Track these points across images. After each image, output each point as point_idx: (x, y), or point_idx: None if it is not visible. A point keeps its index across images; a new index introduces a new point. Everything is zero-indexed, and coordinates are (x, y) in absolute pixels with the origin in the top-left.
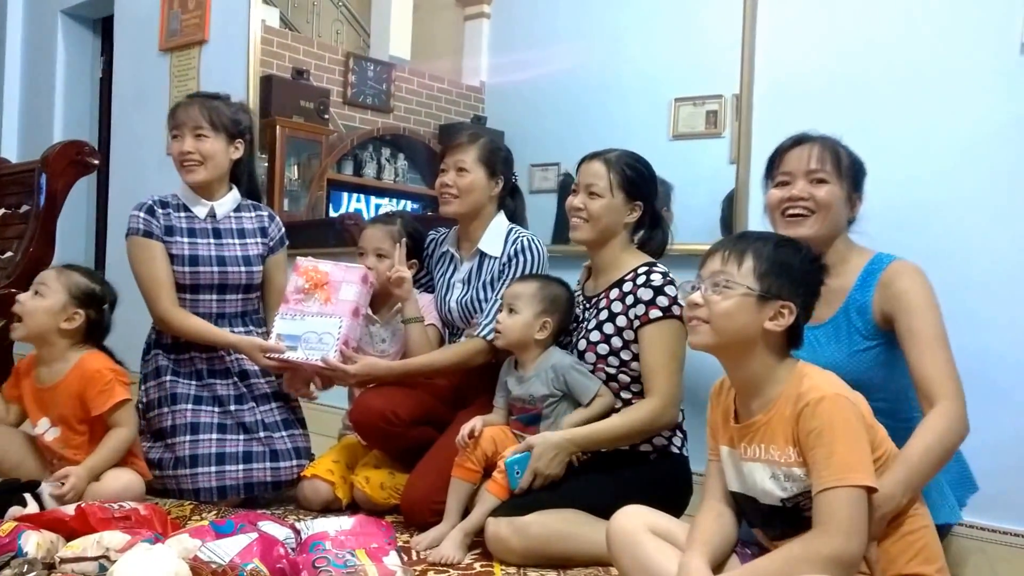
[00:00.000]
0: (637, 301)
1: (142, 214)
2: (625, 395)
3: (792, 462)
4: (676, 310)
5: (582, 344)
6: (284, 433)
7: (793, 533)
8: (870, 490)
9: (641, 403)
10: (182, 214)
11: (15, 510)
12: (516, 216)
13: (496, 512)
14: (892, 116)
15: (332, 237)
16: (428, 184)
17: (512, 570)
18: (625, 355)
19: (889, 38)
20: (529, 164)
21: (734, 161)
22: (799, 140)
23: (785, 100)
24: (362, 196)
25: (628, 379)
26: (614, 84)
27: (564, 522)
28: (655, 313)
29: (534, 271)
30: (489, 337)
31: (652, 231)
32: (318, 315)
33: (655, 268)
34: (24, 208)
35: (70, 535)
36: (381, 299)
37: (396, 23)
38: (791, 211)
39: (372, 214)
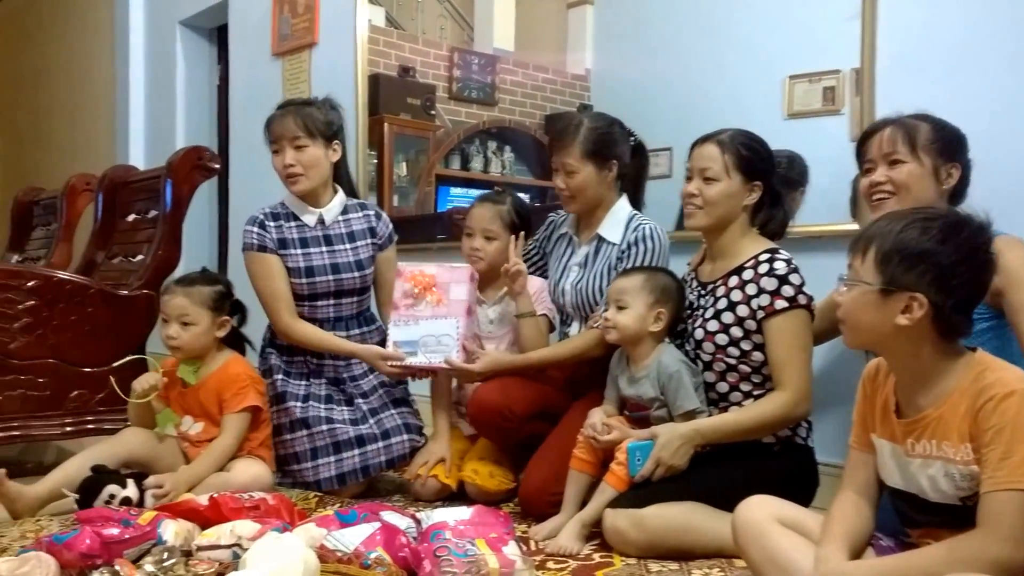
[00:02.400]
0: (760, 291)
1: (255, 229)
2: (745, 386)
3: (970, 460)
4: (802, 299)
5: (699, 333)
6: (393, 412)
7: (940, 528)
8: None
9: (772, 396)
10: (292, 224)
11: (113, 488)
12: (637, 182)
13: (614, 504)
14: None
15: (441, 231)
16: (535, 175)
17: (632, 561)
18: (745, 345)
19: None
20: None
21: (855, 139)
22: (875, 126)
23: (910, 72)
24: (470, 190)
25: (748, 369)
26: (724, 64)
27: (684, 514)
28: (780, 303)
29: (654, 261)
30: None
31: (772, 210)
32: (432, 318)
33: (778, 255)
34: (152, 213)
35: (204, 524)
36: (488, 280)
37: (499, 15)
38: (876, 196)
39: None
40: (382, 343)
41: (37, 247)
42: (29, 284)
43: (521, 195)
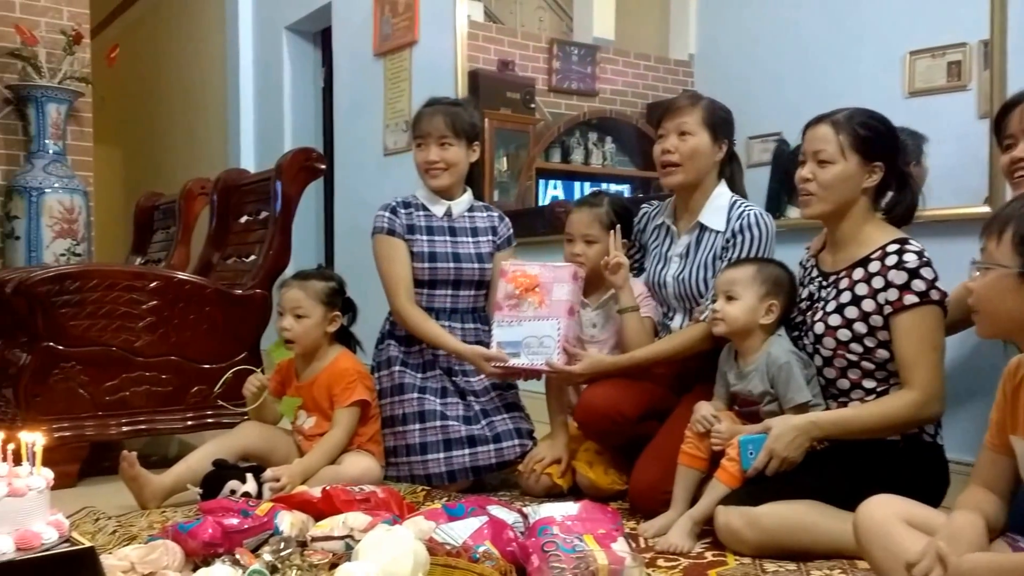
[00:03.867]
0: (888, 285)
1: (386, 213)
2: (868, 384)
3: None
4: (935, 295)
5: (819, 327)
6: (505, 416)
7: None
8: None
9: (899, 394)
10: (421, 213)
11: (234, 484)
12: (735, 185)
13: (726, 501)
14: None
15: (542, 225)
16: (637, 166)
17: (747, 561)
18: (870, 342)
19: None
20: (747, 137)
21: (985, 116)
22: (1016, 98)
23: None
24: (571, 183)
25: (872, 367)
26: (838, 42)
27: (801, 513)
28: (910, 299)
29: (761, 249)
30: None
31: (900, 193)
32: (534, 319)
33: (908, 246)
34: (263, 214)
35: (318, 515)
36: (592, 284)
37: (599, 4)
38: (1018, 173)
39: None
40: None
41: (158, 250)
42: (152, 285)
43: (622, 187)
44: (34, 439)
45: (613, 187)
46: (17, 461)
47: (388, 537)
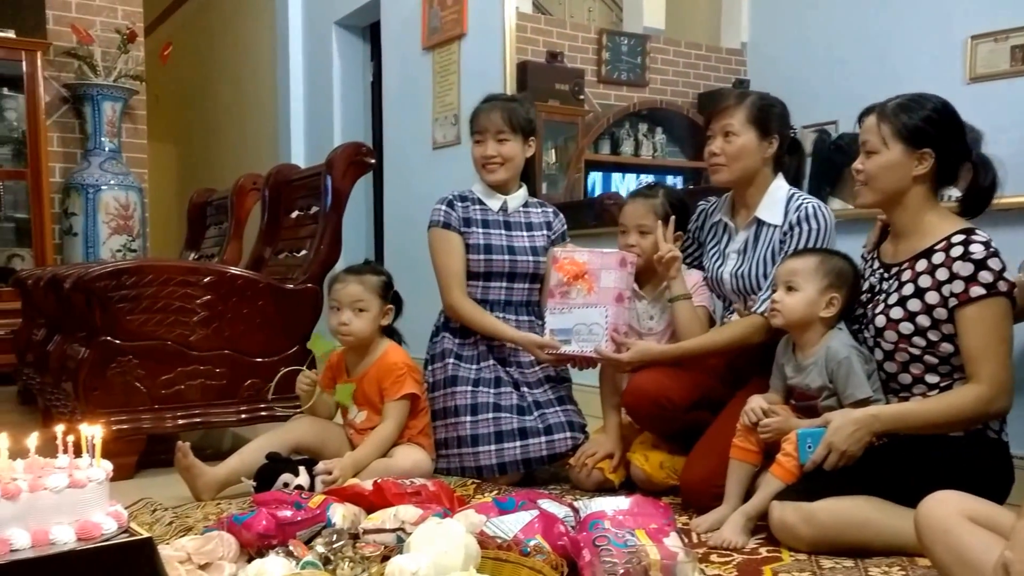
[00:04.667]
0: (953, 277)
1: (443, 207)
2: (931, 378)
3: None
4: (1003, 286)
5: (880, 320)
6: (557, 408)
7: None
8: None
9: (965, 388)
10: (477, 207)
11: (287, 477)
12: (797, 176)
13: (781, 496)
14: None
15: (592, 218)
16: (688, 157)
17: (803, 557)
18: (933, 336)
19: None
20: (800, 126)
21: None
22: None
23: None
24: (621, 174)
25: (935, 361)
26: (896, 27)
27: (858, 509)
28: (977, 291)
29: (819, 242)
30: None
31: (973, 180)
32: (584, 306)
33: (974, 236)
34: (314, 209)
35: (369, 508)
36: (648, 275)
37: None
38: None
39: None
40: None
41: (211, 245)
42: (205, 280)
43: (674, 178)
44: (94, 432)
45: (664, 178)
46: (77, 453)
47: (439, 530)
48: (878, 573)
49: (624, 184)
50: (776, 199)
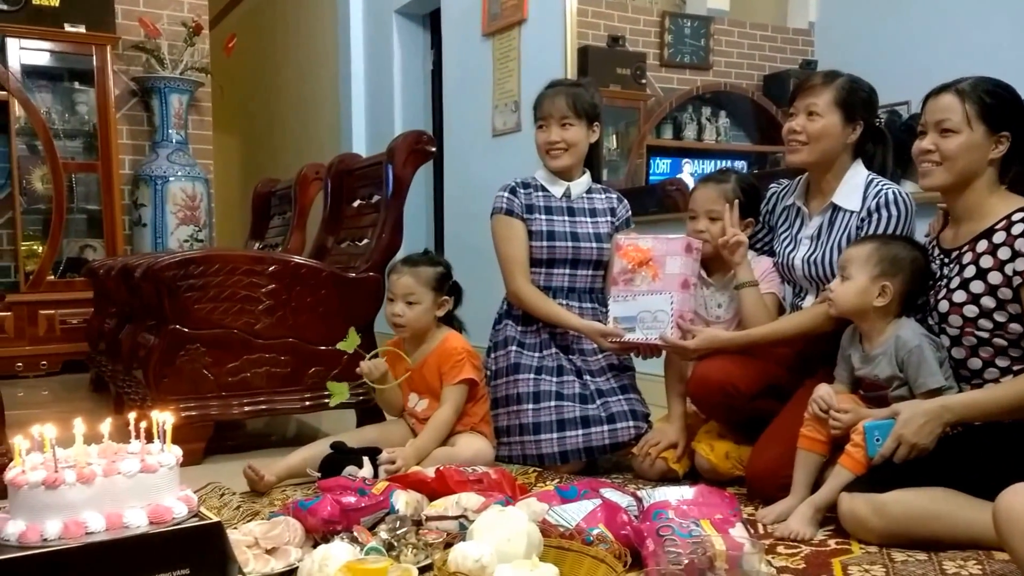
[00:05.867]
0: (1016, 255)
1: (506, 194)
2: (1002, 362)
3: None
4: None
5: (943, 306)
6: (620, 397)
7: None
8: None
9: None
10: (540, 193)
11: (352, 469)
12: (883, 166)
13: (851, 487)
14: None
15: (653, 204)
16: (753, 141)
17: (873, 550)
18: (1000, 316)
19: None
20: None
21: None
22: None
23: None
24: (683, 160)
25: (1004, 343)
26: (970, 4)
27: (931, 501)
28: None
29: (898, 229)
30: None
31: None
32: (648, 293)
33: None
34: (375, 198)
35: (432, 495)
36: (717, 262)
37: None
38: None
39: (693, 177)
40: None
41: (275, 235)
42: (270, 269)
43: (738, 162)
44: (164, 418)
45: (728, 163)
46: (149, 439)
47: (502, 518)
48: (953, 567)
49: (687, 170)
50: (854, 185)
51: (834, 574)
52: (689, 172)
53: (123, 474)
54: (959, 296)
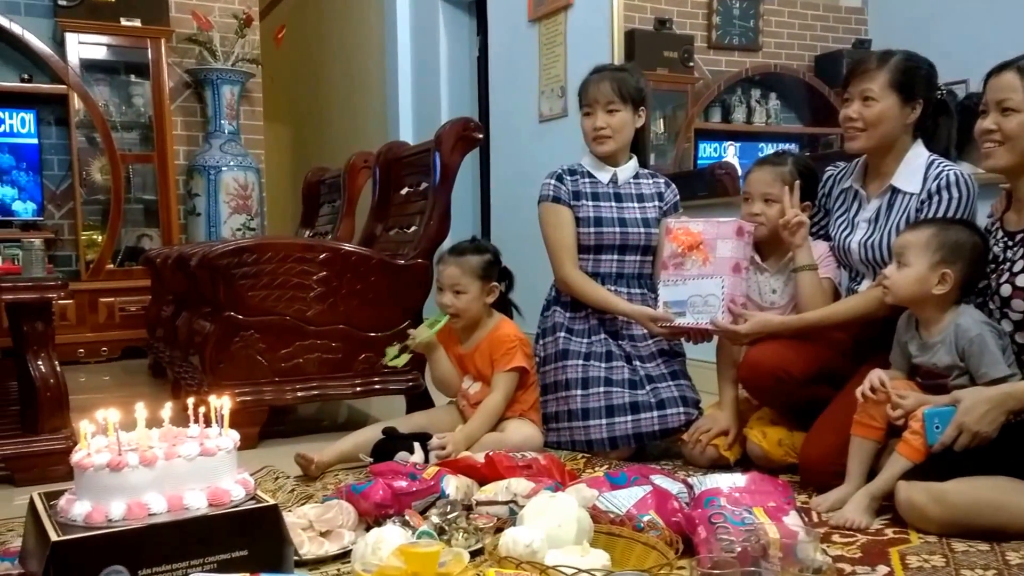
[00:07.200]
0: None
1: (552, 181)
2: None
3: None
4: None
5: (1006, 289)
6: (670, 383)
7: None
8: None
9: None
10: (587, 180)
11: (403, 454)
12: (947, 143)
13: (909, 475)
14: None
15: (702, 188)
16: (804, 123)
17: (932, 539)
18: None
19: None
20: None
21: None
22: None
23: None
24: (732, 143)
25: None
26: None
27: (993, 490)
28: None
29: (960, 212)
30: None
31: None
32: (699, 277)
33: None
34: (423, 186)
35: (481, 480)
36: (771, 246)
37: None
38: None
39: (743, 161)
40: None
41: (325, 223)
42: (321, 257)
43: (789, 145)
44: (222, 403)
45: (779, 146)
46: (207, 423)
47: (552, 504)
48: (1017, 558)
49: (730, 153)
50: (915, 167)
51: (892, 563)
52: (732, 155)
53: (183, 457)
54: (1022, 280)
